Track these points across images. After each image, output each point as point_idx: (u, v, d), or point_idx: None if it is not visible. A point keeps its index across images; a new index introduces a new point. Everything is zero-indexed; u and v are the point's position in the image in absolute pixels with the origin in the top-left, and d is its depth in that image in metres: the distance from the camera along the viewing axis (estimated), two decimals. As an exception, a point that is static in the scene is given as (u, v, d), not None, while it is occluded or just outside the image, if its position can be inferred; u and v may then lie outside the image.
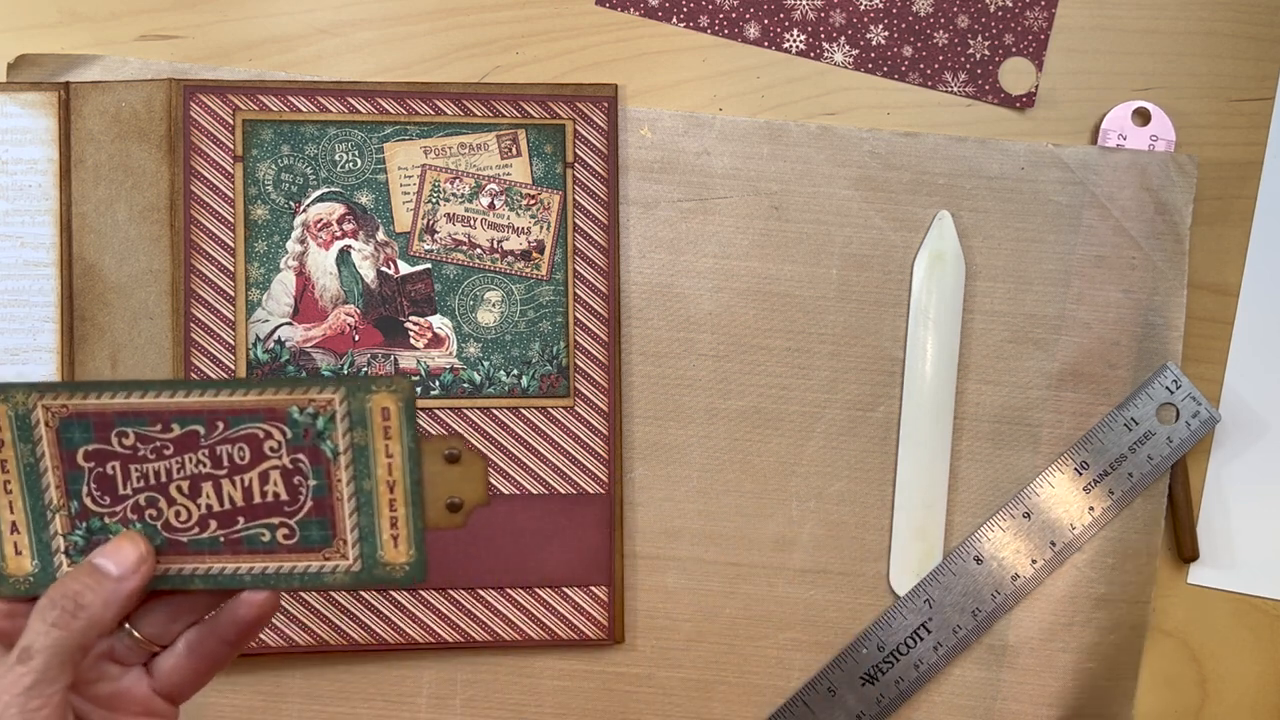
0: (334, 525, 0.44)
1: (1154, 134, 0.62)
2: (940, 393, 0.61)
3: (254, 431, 0.43)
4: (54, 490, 0.44)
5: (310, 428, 0.43)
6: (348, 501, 0.43)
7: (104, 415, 0.43)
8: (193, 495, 0.44)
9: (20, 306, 0.58)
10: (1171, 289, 0.62)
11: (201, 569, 0.44)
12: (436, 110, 0.60)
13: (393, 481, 0.43)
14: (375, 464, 0.43)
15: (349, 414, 0.43)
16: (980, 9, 0.63)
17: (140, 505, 0.44)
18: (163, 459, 0.43)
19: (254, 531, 0.44)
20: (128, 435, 0.43)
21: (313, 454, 0.43)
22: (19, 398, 0.43)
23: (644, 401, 0.61)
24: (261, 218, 0.59)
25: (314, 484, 0.43)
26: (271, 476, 0.43)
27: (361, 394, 0.43)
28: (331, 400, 0.43)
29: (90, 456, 0.43)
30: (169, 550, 0.44)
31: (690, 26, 0.62)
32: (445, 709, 0.60)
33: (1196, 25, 0.63)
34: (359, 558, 0.44)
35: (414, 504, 0.43)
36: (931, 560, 0.61)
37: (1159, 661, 0.62)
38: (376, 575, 0.44)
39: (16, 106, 0.58)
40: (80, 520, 0.44)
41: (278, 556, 0.44)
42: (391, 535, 0.43)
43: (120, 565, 0.43)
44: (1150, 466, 0.61)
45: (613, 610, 0.60)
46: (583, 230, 0.60)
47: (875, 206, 0.62)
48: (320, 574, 0.44)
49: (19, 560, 0.44)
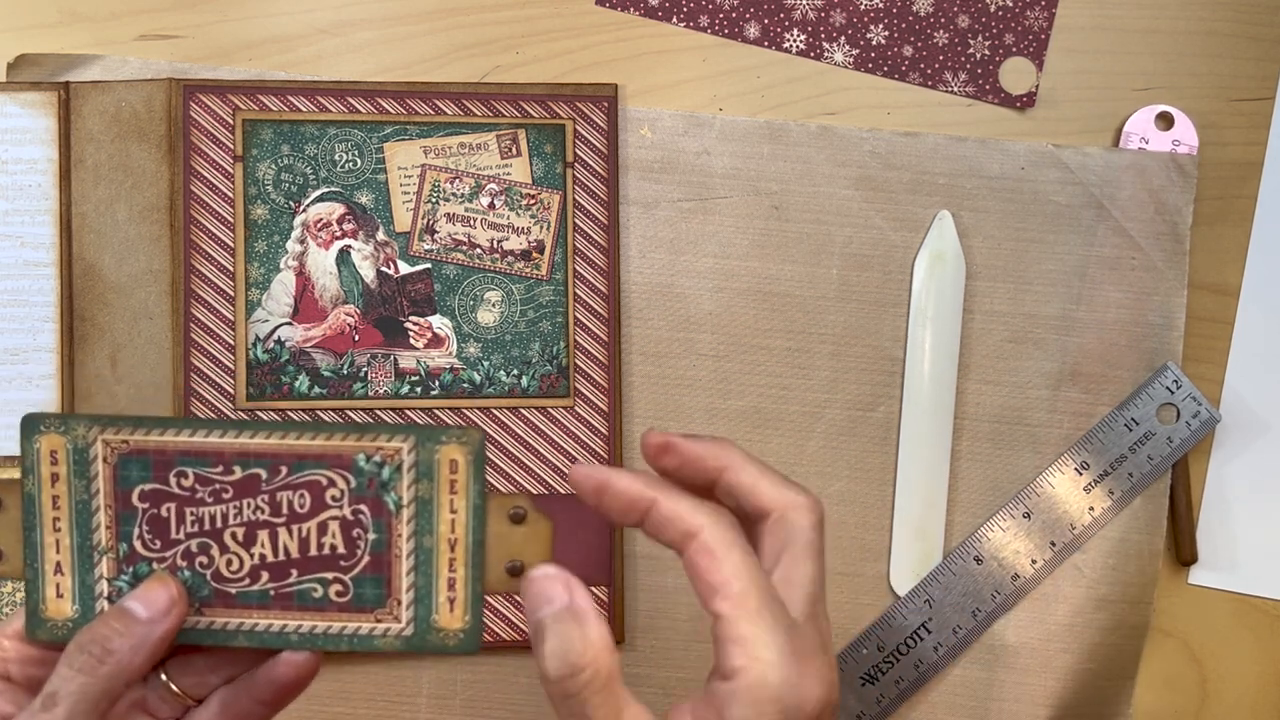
0: (389, 584, 0.41)
1: (1176, 138, 0.62)
2: (940, 393, 0.61)
3: (317, 478, 0.41)
4: (104, 530, 0.41)
5: (375, 477, 0.41)
6: (406, 559, 0.41)
7: (165, 453, 0.41)
8: (247, 544, 0.41)
9: (20, 306, 0.58)
10: (1172, 289, 0.62)
11: (247, 624, 0.42)
12: (436, 110, 0.60)
13: (454, 540, 0.41)
14: (438, 520, 0.41)
15: (416, 464, 0.41)
16: (980, 9, 0.63)
17: (191, 552, 0.41)
18: (220, 503, 0.41)
19: (306, 586, 0.41)
20: (187, 475, 0.41)
21: (375, 505, 0.41)
22: (79, 430, 0.41)
23: (644, 401, 0.61)
24: (261, 217, 0.59)
25: (373, 538, 0.41)
26: (330, 527, 0.41)
27: (431, 444, 0.41)
28: (400, 449, 0.41)
29: (146, 496, 0.41)
30: (215, 602, 0.41)
31: (690, 26, 0.62)
32: (445, 709, 0.60)
33: (1197, 25, 0.63)
34: (412, 620, 0.41)
35: (474, 565, 0.41)
36: (931, 560, 0.61)
37: (1159, 662, 0.62)
38: (429, 642, 0.41)
39: (16, 106, 0.58)
40: (128, 565, 0.41)
41: (328, 615, 0.42)
42: (448, 598, 0.41)
43: (150, 609, 0.40)
44: (1150, 467, 0.61)
45: (613, 610, 0.60)
46: (583, 230, 0.60)
47: (875, 206, 0.62)
48: (370, 637, 0.42)
49: (59, 604, 0.41)
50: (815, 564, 0.39)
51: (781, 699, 0.36)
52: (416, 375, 0.59)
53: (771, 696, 0.35)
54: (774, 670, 0.36)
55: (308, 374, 0.59)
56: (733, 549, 0.37)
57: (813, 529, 0.39)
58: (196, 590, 0.42)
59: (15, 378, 0.58)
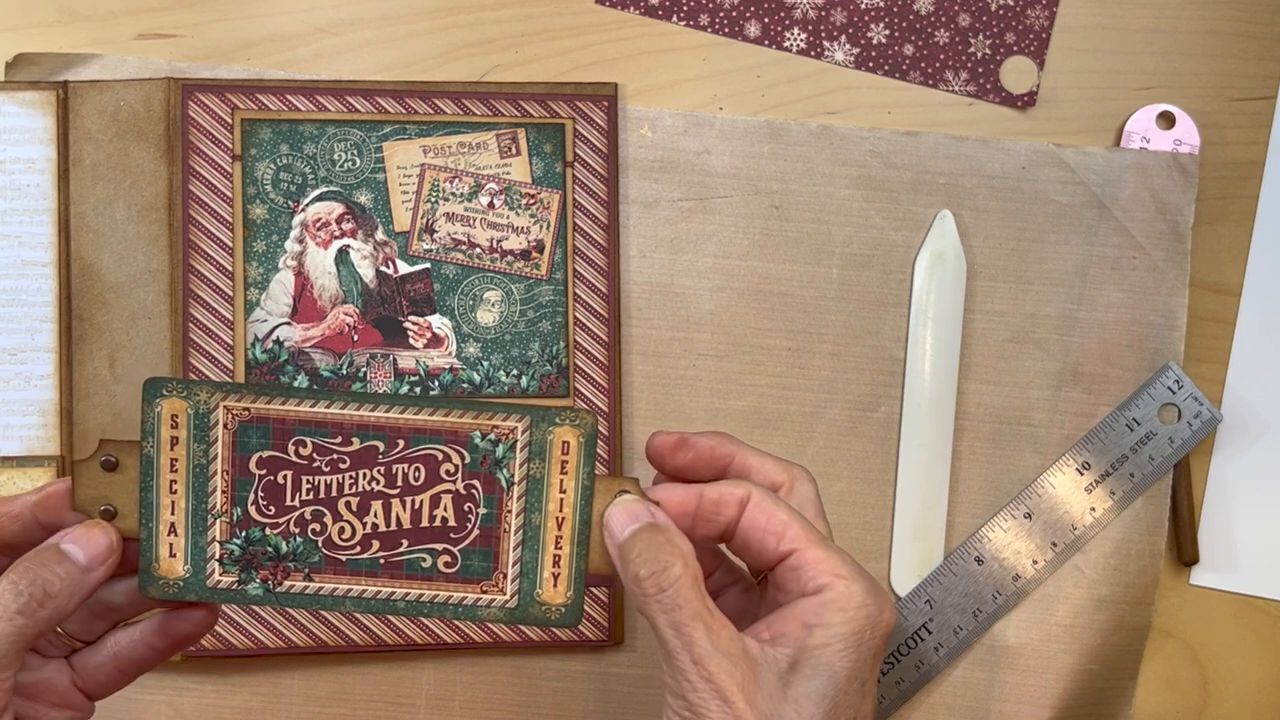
0: (497, 557, 0.43)
1: (1177, 138, 0.62)
2: (941, 393, 0.61)
3: (433, 453, 0.42)
4: (219, 495, 0.42)
5: (489, 454, 0.42)
6: (514, 534, 0.43)
7: (285, 422, 0.42)
8: (360, 513, 0.42)
9: (18, 306, 0.58)
10: (1173, 289, 0.62)
11: (355, 590, 0.43)
12: (436, 109, 0.60)
13: (562, 518, 0.42)
14: (547, 498, 0.42)
15: (530, 444, 0.42)
16: (981, 8, 0.62)
17: (305, 519, 0.42)
18: (337, 472, 0.42)
19: (416, 556, 0.43)
20: (305, 445, 0.42)
21: (487, 481, 0.42)
22: (202, 395, 0.42)
23: (644, 401, 0.61)
24: (260, 217, 0.59)
25: (484, 513, 0.42)
26: (443, 501, 0.42)
27: (545, 425, 0.42)
28: (515, 429, 0.42)
29: (263, 464, 0.42)
30: (325, 568, 0.43)
31: (690, 25, 0.62)
32: (445, 710, 0.60)
33: (1198, 24, 0.63)
34: (516, 594, 0.43)
35: (580, 544, 0.42)
36: (932, 561, 0.61)
37: (1161, 663, 0.62)
38: (532, 614, 0.43)
39: (14, 106, 0.58)
40: (240, 529, 0.42)
41: (435, 584, 0.43)
42: (552, 574, 0.43)
43: (90, 555, 0.41)
44: (1152, 467, 0.61)
45: (612, 611, 0.60)
46: (582, 230, 0.60)
47: (876, 206, 0.61)
48: (475, 607, 0.43)
49: (171, 563, 0.42)
50: (824, 525, 0.44)
51: (866, 606, 0.40)
52: (416, 375, 0.59)
53: (858, 604, 0.40)
54: (857, 584, 0.41)
55: (307, 374, 0.59)
56: (779, 504, 0.43)
57: (816, 493, 0.45)
58: (307, 556, 0.43)
59: (14, 377, 0.58)
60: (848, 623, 0.40)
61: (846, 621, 0.40)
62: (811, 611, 0.41)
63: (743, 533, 0.42)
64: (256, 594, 0.43)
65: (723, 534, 0.43)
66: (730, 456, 0.45)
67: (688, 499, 0.43)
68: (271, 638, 0.58)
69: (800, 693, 0.40)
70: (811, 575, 0.41)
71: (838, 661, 0.40)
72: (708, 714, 0.39)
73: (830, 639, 0.40)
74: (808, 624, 0.40)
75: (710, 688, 0.39)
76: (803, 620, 0.40)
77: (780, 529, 0.42)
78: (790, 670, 0.40)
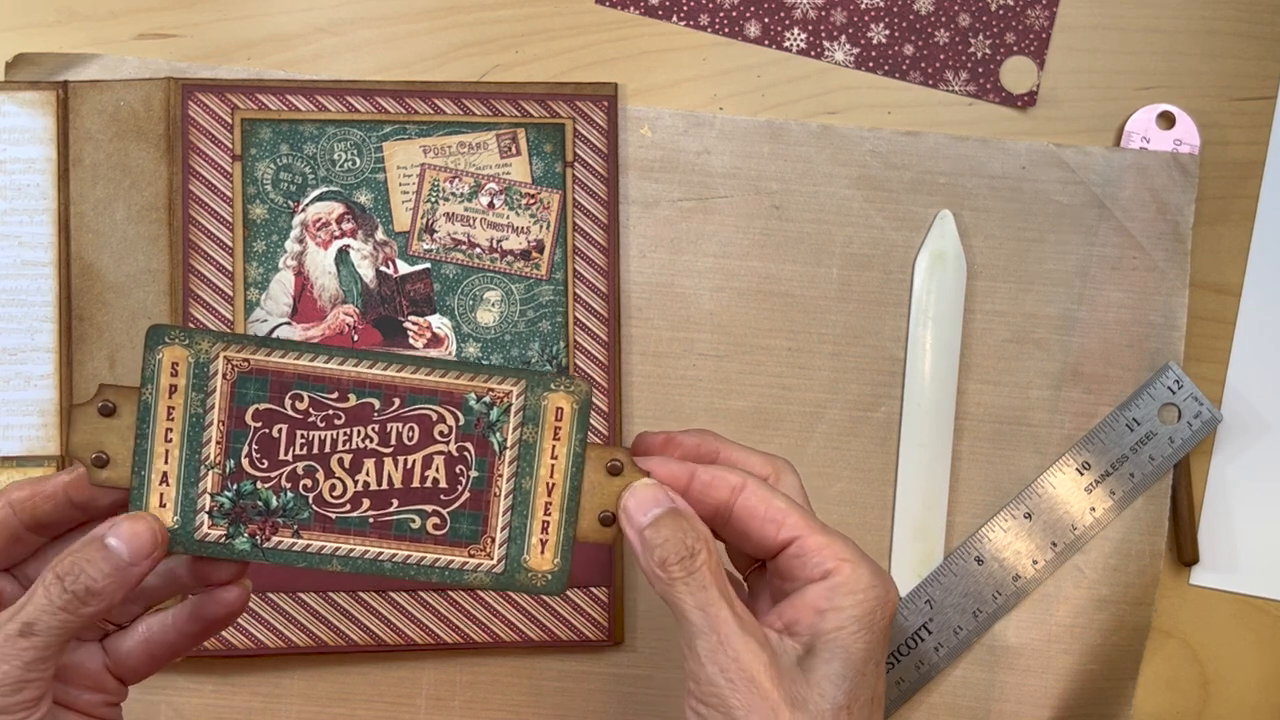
0: (485, 521, 0.43)
1: (1177, 138, 0.62)
2: (941, 393, 0.61)
3: (428, 413, 0.42)
4: (214, 445, 0.42)
5: (483, 417, 0.42)
6: (504, 498, 0.43)
7: (284, 375, 0.42)
8: (353, 470, 0.42)
9: (18, 306, 0.58)
10: (1173, 289, 0.62)
11: (343, 549, 0.43)
12: (436, 109, 0.60)
13: (552, 484, 0.43)
14: (539, 464, 0.42)
15: (524, 408, 0.42)
16: (981, 8, 0.62)
17: (297, 474, 0.42)
18: (331, 428, 0.42)
19: (405, 517, 0.43)
20: (302, 399, 0.42)
21: (480, 444, 0.43)
22: (203, 345, 0.42)
23: (644, 401, 0.61)
24: (260, 217, 0.59)
25: (475, 475, 0.43)
26: (435, 461, 0.43)
27: (540, 390, 0.42)
28: (510, 393, 0.42)
29: (259, 416, 0.42)
30: (313, 525, 0.42)
31: (690, 25, 0.62)
32: (445, 710, 0.60)
33: (1198, 24, 0.63)
34: (503, 559, 0.43)
35: (569, 511, 0.43)
36: (932, 561, 0.61)
37: (1161, 663, 0.62)
38: (518, 580, 0.43)
39: (14, 105, 0.58)
40: (232, 482, 0.42)
41: (423, 546, 0.43)
42: (540, 540, 0.43)
43: (134, 550, 0.41)
44: (1152, 467, 0.61)
45: (613, 611, 0.60)
46: (582, 230, 0.60)
47: (876, 206, 0.61)
48: (462, 571, 0.43)
49: (161, 513, 0.42)
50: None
51: (875, 588, 0.41)
52: (416, 375, 0.59)
53: (867, 585, 0.41)
54: (862, 566, 0.42)
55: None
56: (775, 493, 0.43)
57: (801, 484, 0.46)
58: (296, 512, 0.42)
59: (13, 377, 0.58)
60: (859, 605, 0.41)
61: (858, 604, 0.41)
62: (822, 596, 0.41)
63: (741, 521, 0.43)
64: (244, 549, 0.42)
65: (711, 518, 0.43)
66: (715, 453, 0.45)
67: (680, 474, 0.43)
68: (271, 638, 0.58)
69: (820, 676, 0.40)
70: (817, 561, 0.42)
71: (854, 643, 0.40)
72: (734, 696, 0.39)
73: (844, 621, 0.41)
74: (819, 609, 0.41)
75: (737, 667, 0.39)
76: (814, 606, 0.41)
77: (779, 517, 0.42)
78: (807, 655, 0.41)
